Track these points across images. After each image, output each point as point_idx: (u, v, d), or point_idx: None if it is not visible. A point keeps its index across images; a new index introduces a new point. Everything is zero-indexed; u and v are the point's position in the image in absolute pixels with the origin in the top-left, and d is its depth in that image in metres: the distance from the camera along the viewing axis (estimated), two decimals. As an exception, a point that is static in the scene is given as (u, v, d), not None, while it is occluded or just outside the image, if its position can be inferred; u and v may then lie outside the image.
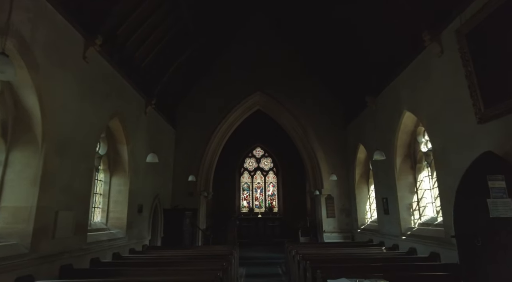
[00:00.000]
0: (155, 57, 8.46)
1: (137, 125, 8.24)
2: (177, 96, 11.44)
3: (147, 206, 8.86)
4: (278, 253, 11.72)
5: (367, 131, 9.43)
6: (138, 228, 8.15)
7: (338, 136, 11.61)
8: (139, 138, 8.36)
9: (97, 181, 7.15)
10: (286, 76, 11.89)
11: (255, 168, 18.68)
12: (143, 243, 8.42)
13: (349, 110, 11.04)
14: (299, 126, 11.72)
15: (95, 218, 7.01)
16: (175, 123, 11.69)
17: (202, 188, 11.32)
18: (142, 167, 8.47)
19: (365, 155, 10.30)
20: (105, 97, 6.44)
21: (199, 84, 11.94)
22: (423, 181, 7.31)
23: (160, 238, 9.82)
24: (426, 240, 6.26)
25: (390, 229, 7.95)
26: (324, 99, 11.85)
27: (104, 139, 7.19)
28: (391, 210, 7.92)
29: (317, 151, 11.48)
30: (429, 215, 6.98)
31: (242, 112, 11.98)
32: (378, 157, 6.76)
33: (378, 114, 8.57)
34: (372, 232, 9.25)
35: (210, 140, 11.56)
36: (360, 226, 10.38)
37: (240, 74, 11.80)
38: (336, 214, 11.06)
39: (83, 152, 5.61)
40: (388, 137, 7.94)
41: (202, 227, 11.22)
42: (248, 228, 16.36)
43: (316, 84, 11.95)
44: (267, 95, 11.84)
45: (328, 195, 11.19)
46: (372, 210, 10.26)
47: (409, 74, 6.78)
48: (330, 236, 10.85)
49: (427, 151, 6.95)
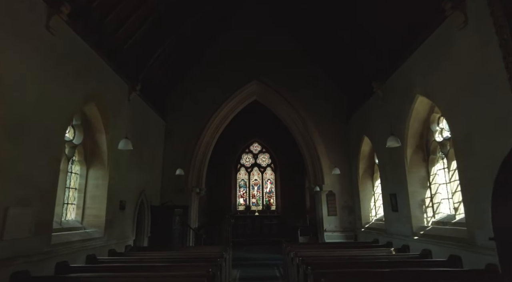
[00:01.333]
0: (139, 38, 7.63)
1: (119, 113, 7.43)
2: (168, 86, 10.61)
3: (131, 203, 8.06)
4: (275, 253, 10.95)
5: (373, 122, 8.65)
6: (120, 227, 7.35)
7: (340, 128, 10.83)
8: (121, 128, 7.52)
9: (71, 173, 6.35)
10: (285, 64, 11.08)
11: (252, 164, 17.91)
12: (126, 243, 7.63)
13: (352, 100, 10.24)
14: (299, 118, 10.93)
15: (69, 216, 6.22)
16: (166, 114, 10.88)
17: (194, 183, 10.52)
18: (125, 159, 7.67)
19: (369, 147, 9.52)
20: (77, 76, 5.61)
21: (192, 73, 11.11)
22: (437, 174, 6.54)
23: (146, 238, 9.03)
24: (443, 241, 5.49)
25: (399, 228, 7.19)
26: (325, 89, 11.06)
27: (79, 127, 6.39)
28: (400, 207, 7.15)
29: (317, 144, 10.70)
30: (444, 213, 6.21)
31: (238, 102, 11.17)
32: (393, 143, 5.91)
33: (385, 102, 7.79)
34: (378, 231, 8.49)
35: (203, 132, 10.75)
36: (364, 225, 9.61)
37: (236, 62, 10.98)
38: (338, 211, 10.29)
39: (47, 139, 4.80)
40: (397, 127, 7.16)
41: (193, 225, 10.43)
42: (244, 227, 15.60)
43: (316, 73, 11.14)
44: (265, 84, 11.03)
45: (329, 191, 10.41)
46: (377, 207, 9.50)
47: (424, 54, 5.99)
48: (332, 235, 10.08)
49: (443, 141, 6.17)
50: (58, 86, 5.09)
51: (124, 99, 7.76)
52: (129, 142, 5.79)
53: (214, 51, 11.15)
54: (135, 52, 7.76)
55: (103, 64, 6.64)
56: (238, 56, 10.97)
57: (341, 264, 5.16)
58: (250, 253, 11.46)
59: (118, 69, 7.26)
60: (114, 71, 7.13)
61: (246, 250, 12.23)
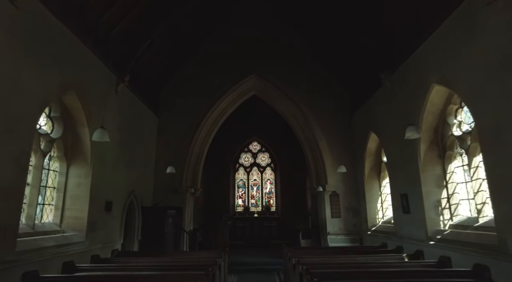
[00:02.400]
0: (129, 26, 7.00)
1: (105, 106, 6.79)
2: (161, 79, 9.99)
3: (119, 203, 7.43)
4: (275, 257, 10.32)
5: (380, 117, 8.03)
6: (105, 230, 6.72)
7: (343, 125, 10.20)
8: (108, 122, 6.88)
9: (49, 171, 5.71)
10: (285, 59, 10.47)
11: (251, 163, 17.27)
12: (113, 247, 6.98)
13: (357, 94, 9.62)
14: (300, 114, 10.30)
15: (45, 218, 5.58)
16: (159, 110, 10.25)
17: (189, 183, 9.88)
18: (112, 156, 7.04)
19: (376, 144, 8.90)
20: (53, 61, 4.99)
21: (186, 67, 10.49)
22: (454, 172, 5.91)
23: (137, 241, 8.40)
24: (465, 247, 4.86)
25: (411, 232, 6.56)
26: (327, 84, 10.44)
27: (58, 119, 5.76)
28: (412, 208, 6.52)
29: (320, 141, 10.07)
30: (464, 215, 5.59)
31: (236, 97, 10.54)
32: (412, 134, 5.23)
33: (395, 94, 7.17)
34: (386, 234, 7.86)
35: (198, 129, 10.13)
36: (370, 227, 8.98)
37: (233, 55, 10.37)
38: (342, 213, 9.66)
39: (13, 130, 4.17)
40: (409, 121, 6.54)
41: (188, 228, 9.79)
42: (242, 229, 14.94)
43: (318, 67, 10.52)
44: (264, 79, 10.41)
45: (333, 191, 9.78)
46: (385, 208, 8.87)
47: (441, 37, 5.37)
48: (335, 238, 9.45)
49: (462, 135, 5.54)
50: (29, 69, 4.46)
51: (112, 91, 7.14)
52: (105, 132, 5.14)
53: (210, 45, 10.54)
54: (124, 41, 7.14)
55: (86, 51, 6.01)
56: (235, 50, 10.36)
57: (349, 274, 4.54)
58: (249, 257, 10.82)
59: (104, 58, 6.63)
60: (100, 60, 6.51)
61: (245, 253, 11.60)
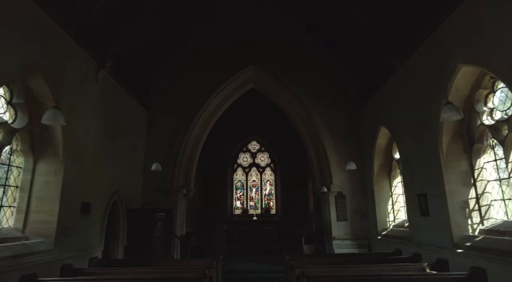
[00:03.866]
0: (112, 4, 6.20)
1: (82, 94, 6.00)
2: (151, 69, 9.16)
3: (100, 205, 6.60)
4: (275, 263, 9.48)
5: (393, 109, 7.21)
6: (81, 235, 5.88)
7: (350, 119, 9.36)
8: (85, 112, 6.12)
9: (10, 167, 4.89)
10: (286, 46, 9.66)
11: (250, 163, 16.46)
12: (91, 255, 6.10)
13: (366, 86, 8.80)
14: (302, 108, 9.48)
15: (4, 222, 4.75)
16: (148, 103, 9.43)
17: (181, 183, 9.04)
18: (91, 152, 6.22)
19: (387, 140, 8.08)
20: (9, 36, 4.18)
21: (179, 57, 9.69)
22: (484, 168, 5.09)
23: (122, 247, 7.56)
24: (505, 257, 4.03)
25: (431, 237, 5.72)
26: (332, 75, 9.61)
27: (22, 107, 4.94)
28: (433, 210, 5.69)
29: (324, 137, 9.24)
30: (498, 218, 4.76)
31: (233, 90, 9.72)
32: (451, 115, 4.11)
33: (410, 82, 6.37)
34: (400, 240, 7.01)
35: (192, 124, 9.30)
36: (380, 232, 8.14)
37: (229, 45, 9.57)
38: (349, 216, 8.81)
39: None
40: (427, 111, 5.74)
41: (180, 232, 8.94)
42: (240, 233, 14.08)
43: (322, 57, 9.70)
44: (263, 70, 9.59)
45: (338, 192, 8.94)
46: (396, 210, 8.04)
47: (471, 7, 4.57)
48: (341, 244, 8.60)
49: (495, 123, 4.73)
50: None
51: (91, 78, 6.33)
52: (59, 113, 4.29)
53: (205, 33, 9.73)
54: (107, 23, 6.32)
55: (57, 29, 5.21)
56: (232, 39, 9.56)
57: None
58: (246, 264, 9.95)
59: (81, 40, 5.83)
60: (75, 40, 5.70)
61: (242, 260, 10.73)
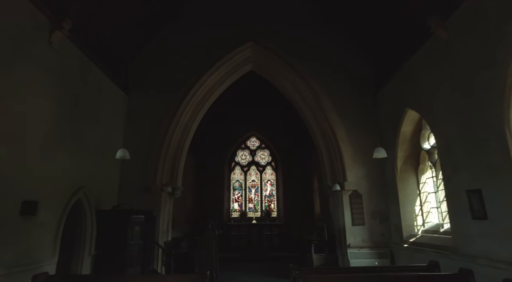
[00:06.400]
0: None
1: (27, 59, 4.58)
2: (131, 45, 7.76)
3: (53, 205, 5.15)
4: (277, 275, 8.05)
5: (426, 85, 5.76)
6: (20, 245, 4.43)
7: (366, 104, 7.91)
8: (32, 83, 4.69)
9: None
10: (289, 20, 8.28)
11: (249, 162, 15.04)
12: (37, 270, 4.62)
13: (387, 61, 7.34)
14: (311, 93, 8.04)
15: None
16: (129, 86, 8.00)
17: (166, 180, 7.59)
18: (39, 135, 4.79)
19: (414, 126, 6.66)
20: None
21: (166, 31, 8.29)
22: None
23: (89, 258, 6.09)
24: None
25: (490, 248, 4.26)
26: (345, 52, 8.19)
27: None
28: (492, 211, 4.23)
29: (336, 126, 7.80)
30: None
31: (228, 72, 8.29)
32: None
33: (455, 47, 4.94)
34: (436, 249, 5.54)
35: (178, 111, 7.86)
36: (406, 238, 6.66)
37: (224, 17, 8.19)
38: (366, 219, 7.35)
39: None
40: (482, 78, 4.32)
41: (165, 239, 7.47)
42: (238, 238, 12.62)
43: (333, 33, 8.31)
44: (263, 48, 8.18)
45: (354, 191, 7.48)
46: (426, 212, 6.59)
47: None
48: (358, 253, 7.13)
49: None
50: None
51: (41, 40, 4.91)
52: None
53: (196, 4, 8.36)
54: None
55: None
56: (228, 12, 8.19)
57: None
58: (243, 275, 8.48)
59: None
60: (13, -15, 4.31)
61: (239, 270, 9.27)
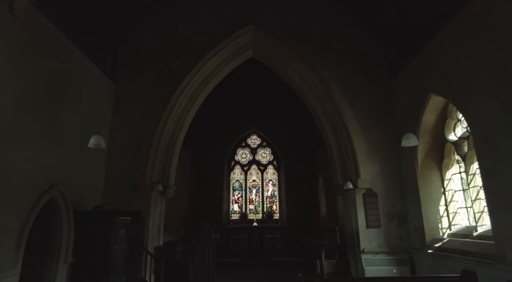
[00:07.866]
0: None
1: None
2: (119, 27, 6.98)
3: (17, 205, 4.33)
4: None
5: (457, 63, 4.95)
6: (-31, 254, 3.61)
7: (381, 93, 7.13)
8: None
9: None
10: (295, 2, 7.53)
11: (250, 161, 14.20)
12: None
13: (402, 45, 6.57)
14: (319, 82, 7.23)
15: None
16: (116, 74, 7.21)
17: (156, 178, 6.77)
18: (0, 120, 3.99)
19: (437, 114, 5.86)
20: None
21: (158, 13, 7.53)
22: None
23: (65, 266, 5.27)
24: None
25: (549, 256, 3.44)
26: (357, 33, 7.42)
27: None
28: (553, 211, 3.42)
29: (347, 118, 6.99)
30: None
31: (226, 59, 7.50)
32: None
33: (493, 16, 4.15)
34: (471, 256, 4.70)
35: (171, 101, 7.07)
36: (429, 243, 5.83)
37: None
38: (383, 221, 6.52)
39: None
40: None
41: (155, 243, 6.65)
42: (238, 242, 11.77)
43: (341, 11, 7.55)
44: (266, 31, 7.40)
45: (368, 189, 6.66)
46: (452, 213, 5.77)
47: None
48: (373, 259, 6.29)
49: None
50: None
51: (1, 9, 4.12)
52: None
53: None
54: None
55: None
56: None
57: None
58: None
59: None
60: None
61: (239, 277, 8.44)
